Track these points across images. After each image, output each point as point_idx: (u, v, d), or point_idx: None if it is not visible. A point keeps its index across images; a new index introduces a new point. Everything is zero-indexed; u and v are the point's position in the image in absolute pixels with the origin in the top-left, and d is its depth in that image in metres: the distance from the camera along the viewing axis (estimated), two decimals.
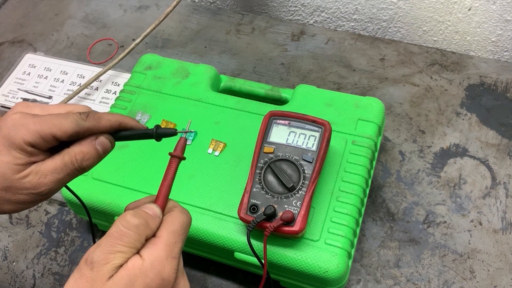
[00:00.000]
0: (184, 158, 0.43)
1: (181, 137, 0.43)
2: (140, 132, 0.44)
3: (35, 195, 0.40)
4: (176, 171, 0.43)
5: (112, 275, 0.35)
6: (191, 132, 0.44)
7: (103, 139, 0.42)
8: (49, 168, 0.40)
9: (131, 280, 0.36)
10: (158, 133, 0.44)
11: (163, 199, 0.42)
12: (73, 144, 0.42)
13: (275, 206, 0.52)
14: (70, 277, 0.37)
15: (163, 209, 0.41)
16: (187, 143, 0.63)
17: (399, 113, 0.77)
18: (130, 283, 0.36)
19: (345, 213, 0.55)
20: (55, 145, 0.41)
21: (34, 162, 0.41)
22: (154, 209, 0.40)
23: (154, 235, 0.39)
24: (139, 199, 0.43)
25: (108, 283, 0.35)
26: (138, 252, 0.37)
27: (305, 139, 0.56)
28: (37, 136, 0.39)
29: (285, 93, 0.68)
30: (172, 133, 0.44)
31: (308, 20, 0.91)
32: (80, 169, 0.42)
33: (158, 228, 0.39)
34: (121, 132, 0.44)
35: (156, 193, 0.42)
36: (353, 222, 0.55)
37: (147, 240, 0.38)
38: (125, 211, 0.40)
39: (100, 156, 0.43)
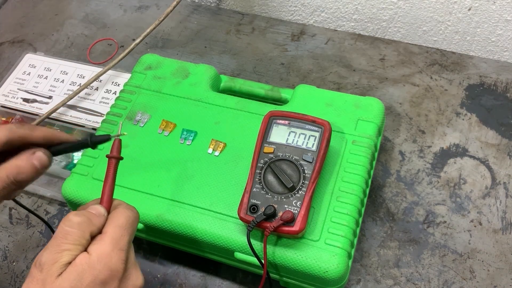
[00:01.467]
0: (121, 158, 0.45)
1: (115, 139, 0.45)
2: (75, 143, 0.45)
3: None
4: (116, 170, 0.44)
5: (61, 273, 0.37)
6: (123, 134, 0.45)
7: (40, 154, 0.43)
8: None
9: (79, 274, 0.37)
10: (92, 141, 0.45)
11: (107, 199, 0.43)
12: (9, 158, 0.42)
13: (275, 206, 0.52)
14: (23, 284, 0.38)
15: (108, 208, 0.43)
16: (187, 143, 0.63)
17: (399, 113, 0.77)
18: (79, 277, 0.37)
19: (345, 213, 0.55)
20: None
21: None
22: (97, 208, 0.42)
23: (100, 232, 0.40)
24: (86, 204, 0.44)
25: (58, 280, 0.37)
26: (85, 250, 0.39)
27: (305, 139, 0.56)
28: None
29: (285, 93, 0.68)
30: (106, 139, 0.45)
31: (308, 20, 0.91)
32: (15, 183, 0.42)
33: (103, 226, 0.41)
34: (57, 146, 0.45)
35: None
36: (353, 222, 0.55)
37: (93, 237, 0.40)
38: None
39: (37, 171, 0.43)
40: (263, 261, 0.52)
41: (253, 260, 0.53)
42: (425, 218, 0.66)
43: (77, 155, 0.75)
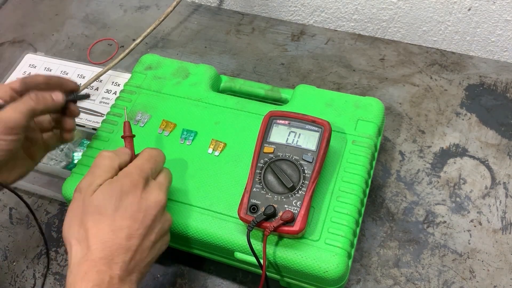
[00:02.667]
0: (133, 136, 0.56)
1: (124, 122, 0.56)
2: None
3: (9, 132, 0.49)
4: (133, 147, 0.55)
5: (95, 190, 0.47)
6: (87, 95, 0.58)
7: (57, 93, 0.54)
8: (12, 107, 0.50)
9: (109, 186, 0.47)
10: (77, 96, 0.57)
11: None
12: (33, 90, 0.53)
13: (275, 206, 0.52)
14: (68, 207, 0.48)
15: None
16: (187, 143, 0.63)
17: (399, 113, 0.77)
18: (109, 188, 0.47)
19: (345, 213, 0.55)
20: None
21: None
22: (124, 148, 0.54)
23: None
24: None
25: (94, 195, 0.47)
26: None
27: (305, 139, 0.56)
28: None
29: (285, 93, 0.68)
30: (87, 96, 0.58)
31: (308, 20, 0.91)
32: (38, 109, 0.51)
33: (129, 162, 0.51)
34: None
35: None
36: (353, 222, 0.55)
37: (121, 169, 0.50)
38: None
39: (54, 104, 0.53)
40: (262, 261, 0.52)
41: (253, 260, 0.53)
42: (425, 218, 0.66)
43: (77, 155, 0.75)
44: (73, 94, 0.57)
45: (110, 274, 0.43)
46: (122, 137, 0.55)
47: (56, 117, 0.58)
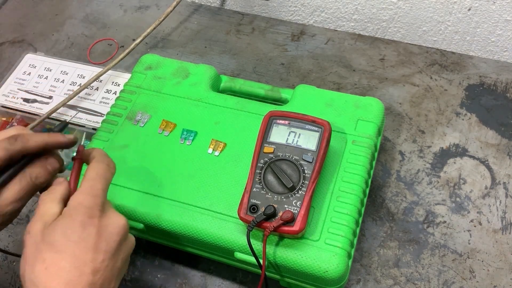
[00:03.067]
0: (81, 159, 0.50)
1: (79, 146, 0.51)
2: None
3: (2, 217, 0.45)
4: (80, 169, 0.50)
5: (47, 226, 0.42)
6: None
7: (52, 160, 0.48)
8: (11, 194, 0.45)
9: (62, 221, 0.42)
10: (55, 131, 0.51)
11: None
12: (28, 166, 0.47)
13: (275, 206, 0.52)
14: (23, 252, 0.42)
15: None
16: (187, 143, 0.63)
17: (399, 113, 0.77)
18: (63, 223, 0.42)
19: (345, 213, 0.55)
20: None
21: None
22: (59, 178, 0.48)
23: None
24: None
25: (47, 233, 0.41)
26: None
27: (305, 139, 0.56)
28: None
29: (285, 93, 0.68)
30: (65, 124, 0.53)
31: (308, 20, 0.91)
32: (36, 186, 0.47)
33: (72, 188, 0.47)
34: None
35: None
36: (353, 222, 0.55)
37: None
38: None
39: (51, 173, 0.48)
40: (262, 261, 0.52)
41: (253, 260, 0.53)
42: (425, 218, 0.66)
43: None
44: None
45: None
46: (73, 158, 0.50)
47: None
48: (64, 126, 0.52)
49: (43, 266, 0.40)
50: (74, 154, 0.52)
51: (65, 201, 0.45)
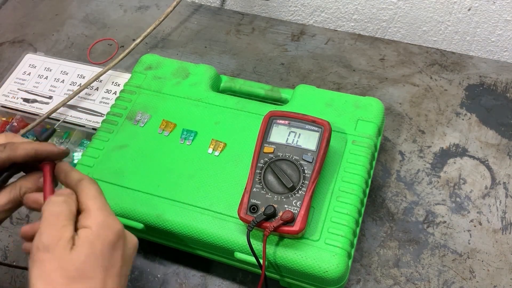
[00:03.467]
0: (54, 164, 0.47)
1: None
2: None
3: None
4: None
5: (72, 247, 0.38)
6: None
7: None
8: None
9: (90, 244, 0.39)
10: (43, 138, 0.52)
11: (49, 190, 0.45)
12: (20, 179, 0.46)
13: (275, 206, 0.52)
14: (31, 273, 0.38)
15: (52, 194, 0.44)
16: (187, 143, 0.63)
17: (399, 113, 0.77)
18: (91, 246, 0.39)
19: (345, 213, 0.55)
20: None
21: None
22: (62, 191, 0.43)
23: (82, 210, 0.42)
24: (33, 223, 0.44)
25: (72, 254, 0.38)
26: (77, 228, 0.41)
27: (305, 139, 0.56)
28: None
29: (285, 93, 0.68)
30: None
31: (308, 20, 0.91)
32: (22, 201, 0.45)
33: (77, 202, 0.43)
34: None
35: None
36: (353, 222, 0.55)
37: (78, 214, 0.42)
38: (21, 234, 0.43)
39: (39, 188, 0.46)
40: (262, 261, 0.52)
41: (253, 260, 0.53)
42: (425, 218, 0.66)
43: (77, 155, 0.75)
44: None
45: None
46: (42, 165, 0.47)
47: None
48: (51, 133, 0.51)
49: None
50: None
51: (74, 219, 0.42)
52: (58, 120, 0.78)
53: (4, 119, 0.82)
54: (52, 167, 0.46)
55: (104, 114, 0.77)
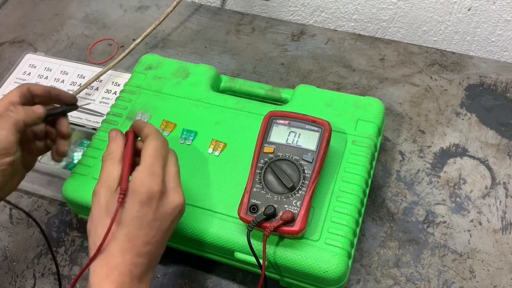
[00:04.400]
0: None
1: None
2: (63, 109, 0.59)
3: None
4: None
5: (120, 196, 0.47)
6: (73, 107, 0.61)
7: (38, 106, 0.54)
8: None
9: (130, 193, 0.47)
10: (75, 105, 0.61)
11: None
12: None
13: (275, 206, 0.52)
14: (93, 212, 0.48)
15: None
16: (187, 143, 0.63)
17: (399, 113, 0.77)
18: (131, 196, 0.47)
19: (345, 213, 0.55)
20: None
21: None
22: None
23: (138, 163, 0.49)
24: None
25: (113, 194, 0.47)
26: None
27: (305, 139, 0.56)
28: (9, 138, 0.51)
29: (285, 93, 0.68)
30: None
31: (308, 20, 0.91)
32: (25, 125, 0.52)
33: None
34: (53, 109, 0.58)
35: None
36: (353, 222, 0.55)
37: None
38: None
39: (37, 116, 0.54)
40: (262, 261, 0.52)
41: (253, 260, 0.53)
42: (425, 218, 0.66)
43: (77, 155, 0.75)
44: (60, 106, 0.59)
45: (130, 277, 0.45)
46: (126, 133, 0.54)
47: (49, 131, 0.59)
48: (67, 110, 0.59)
49: (104, 231, 0.45)
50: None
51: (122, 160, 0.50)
52: None
53: None
54: (134, 137, 0.52)
55: (104, 114, 0.77)
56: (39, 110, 0.54)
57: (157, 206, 0.47)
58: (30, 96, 0.56)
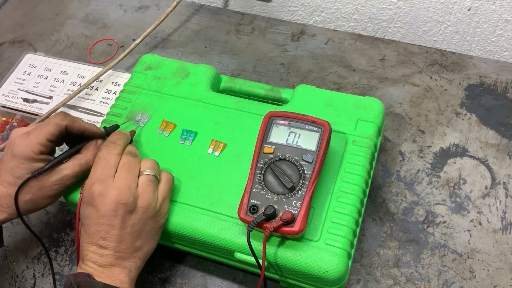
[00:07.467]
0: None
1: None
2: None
3: (61, 186, 0.57)
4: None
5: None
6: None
7: (100, 142, 0.59)
8: (69, 168, 0.57)
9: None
10: (107, 132, 0.61)
11: None
12: (82, 150, 0.59)
13: (275, 207, 0.52)
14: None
15: None
16: (187, 143, 0.63)
17: (399, 113, 0.77)
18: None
19: (345, 213, 0.55)
20: (54, 146, 0.58)
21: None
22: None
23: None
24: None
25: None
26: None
27: (305, 140, 0.56)
28: (38, 146, 0.55)
29: (285, 93, 0.68)
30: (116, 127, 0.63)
31: (308, 20, 0.91)
32: (90, 166, 0.57)
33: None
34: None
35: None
36: (352, 222, 0.55)
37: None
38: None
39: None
40: (262, 261, 0.52)
41: (253, 260, 0.53)
42: (425, 218, 0.66)
43: None
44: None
45: (99, 264, 0.52)
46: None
47: None
48: (114, 128, 0.62)
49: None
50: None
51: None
52: None
53: (4, 119, 0.82)
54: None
55: (104, 114, 0.77)
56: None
57: (96, 206, 0.52)
58: (66, 133, 0.57)
